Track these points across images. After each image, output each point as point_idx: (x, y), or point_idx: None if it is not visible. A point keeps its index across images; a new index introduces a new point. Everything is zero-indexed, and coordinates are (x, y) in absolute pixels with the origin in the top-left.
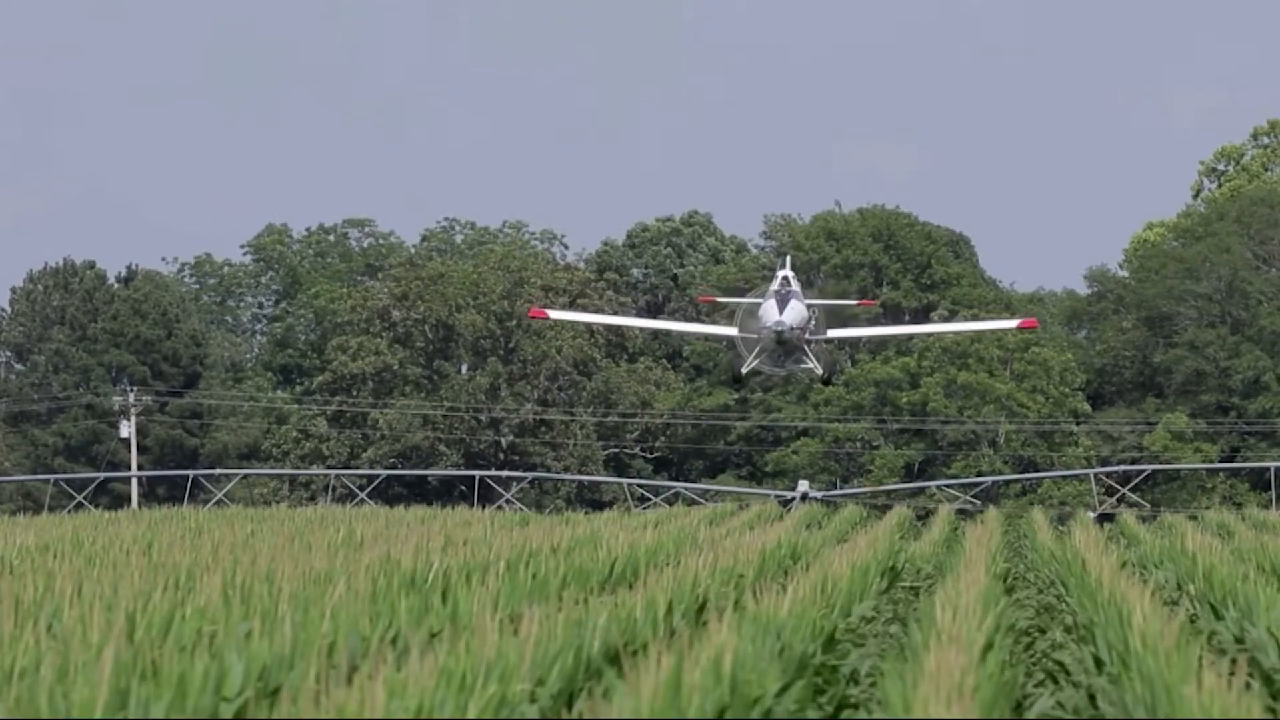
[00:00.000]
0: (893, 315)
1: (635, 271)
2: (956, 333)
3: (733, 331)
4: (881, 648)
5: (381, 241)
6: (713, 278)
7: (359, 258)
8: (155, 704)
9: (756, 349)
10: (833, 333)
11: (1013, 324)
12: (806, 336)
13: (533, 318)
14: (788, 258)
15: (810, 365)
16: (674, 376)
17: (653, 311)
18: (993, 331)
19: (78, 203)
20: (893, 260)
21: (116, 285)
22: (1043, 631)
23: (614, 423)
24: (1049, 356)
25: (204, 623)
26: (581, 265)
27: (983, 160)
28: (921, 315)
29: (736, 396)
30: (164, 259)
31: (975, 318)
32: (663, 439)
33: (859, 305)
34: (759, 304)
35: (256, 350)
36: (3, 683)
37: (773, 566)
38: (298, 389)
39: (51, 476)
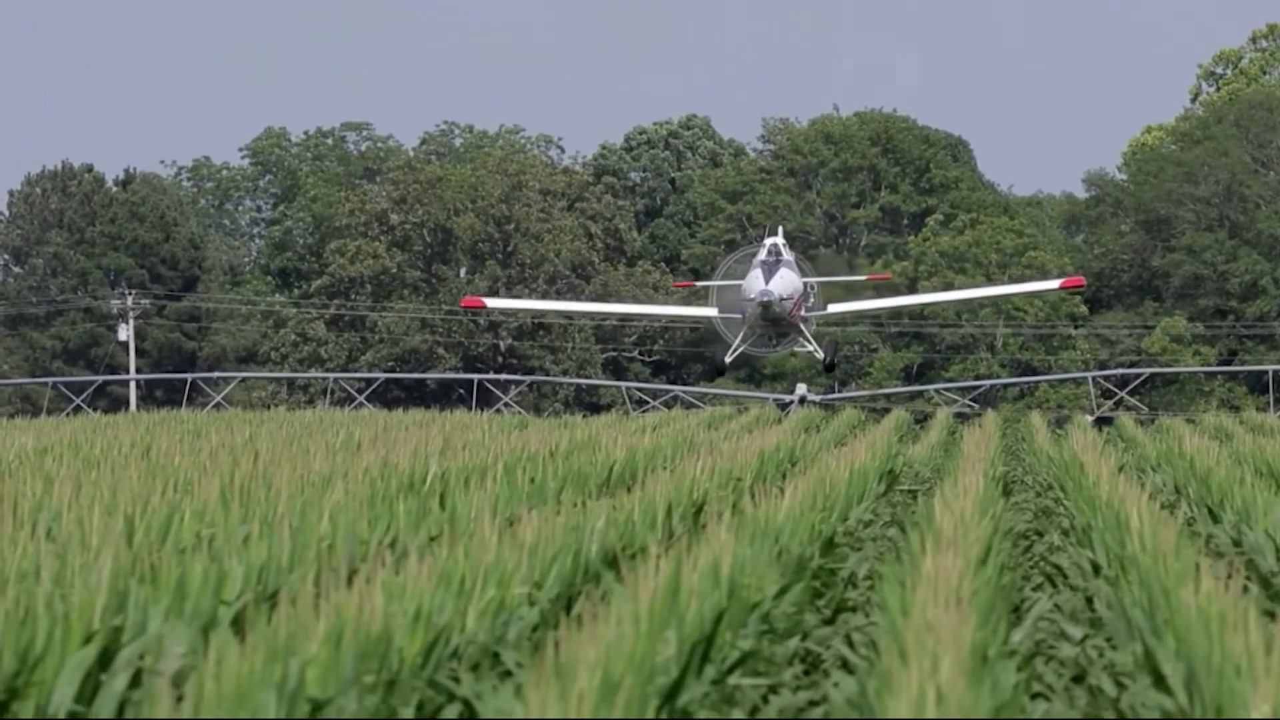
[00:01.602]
0: (891, 218)
1: (633, 175)
2: (993, 298)
3: (710, 312)
4: (879, 551)
5: (380, 145)
6: (711, 181)
7: (357, 161)
8: (154, 607)
9: (741, 329)
10: (835, 307)
11: (1054, 284)
12: (802, 314)
13: (466, 307)
14: (779, 228)
15: (809, 348)
16: (671, 279)
17: (650, 215)
18: (990, 239)
19: (75, 106)
20: (891, 164)
21: (114, 189)
22: (1040, 535)
23: (612, 326)
24: (1046, 260)
25: (202, 526)
26: (579, 169)
27: (981, 63)
28: (919, 219)
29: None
30: (162, 162)
31: (975, 223)
32: (661, 342)
33: (869, 280)
34: (738, 285)
35: (254, 254)
36: (1, 586)
37: (771, 470)
38: (296, 292)
39: (50, 379)
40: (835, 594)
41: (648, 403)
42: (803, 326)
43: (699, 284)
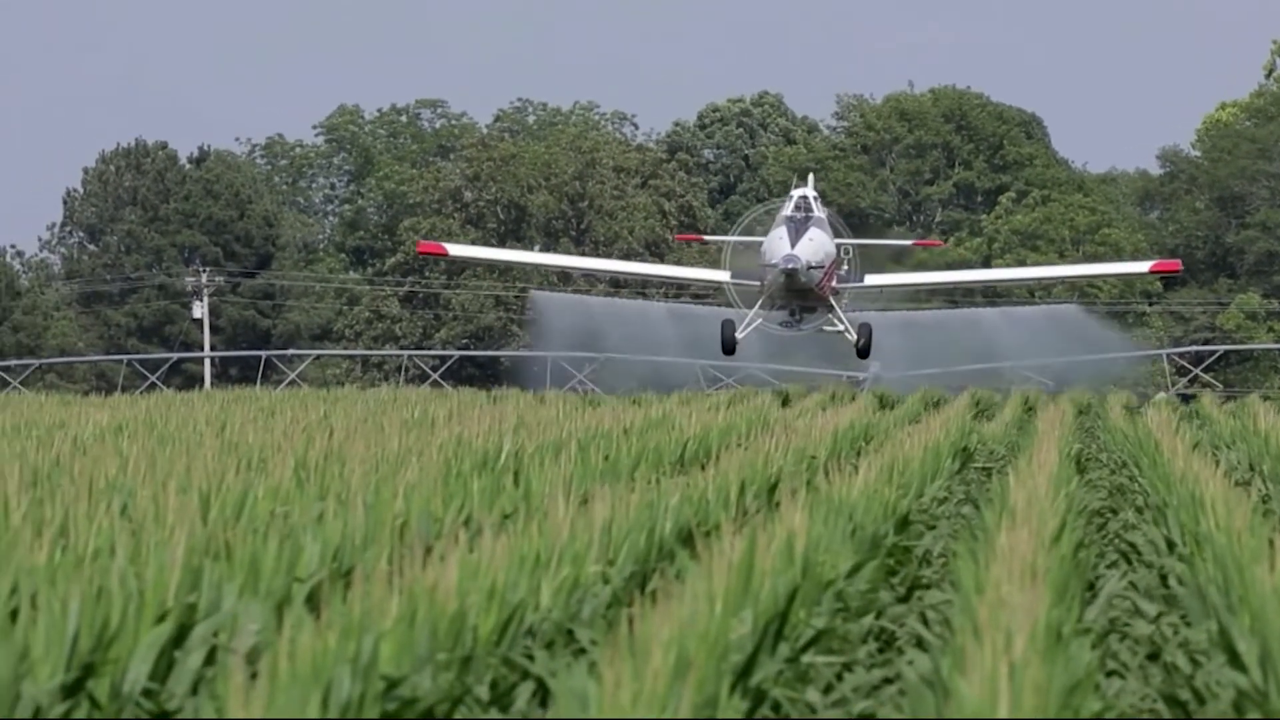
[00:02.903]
0: (965, 195)
1: (707, 152)
2: (1074, 278)
3: (723, 276)
4: (954, 529)
5: (454, 122)
6: (784, 158)
7: (431, 139)
8: (229, 584)
9: (759, 300)
10: (875, 279)
11: (1144, 267)
12: (834, 284)
13: (424, 253)
14: (810, 175)
15: (839, 328)
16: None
17: (724, 193)
18: (1063, 215)
19: (149, 83)
20: (965, 141)
21: (189, 166)
22: (1115, 512)
23: (685, 304)
24: (1120, 238)
25: (277, 504)
26: (653, 146)
27: (1056, 40)
28: (993, 196)
29: None
30: (236, 139)
31: (1047, 199)
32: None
33: (915, 246)
34: (757, 245)
35: (328, 231)
36: (76, 563)
37: (845, 447)
38: (369, 270)
39: (125, 357)
40: (910, 571)
41: (721, 380)
42: (834, 301)
43: (709, 239)
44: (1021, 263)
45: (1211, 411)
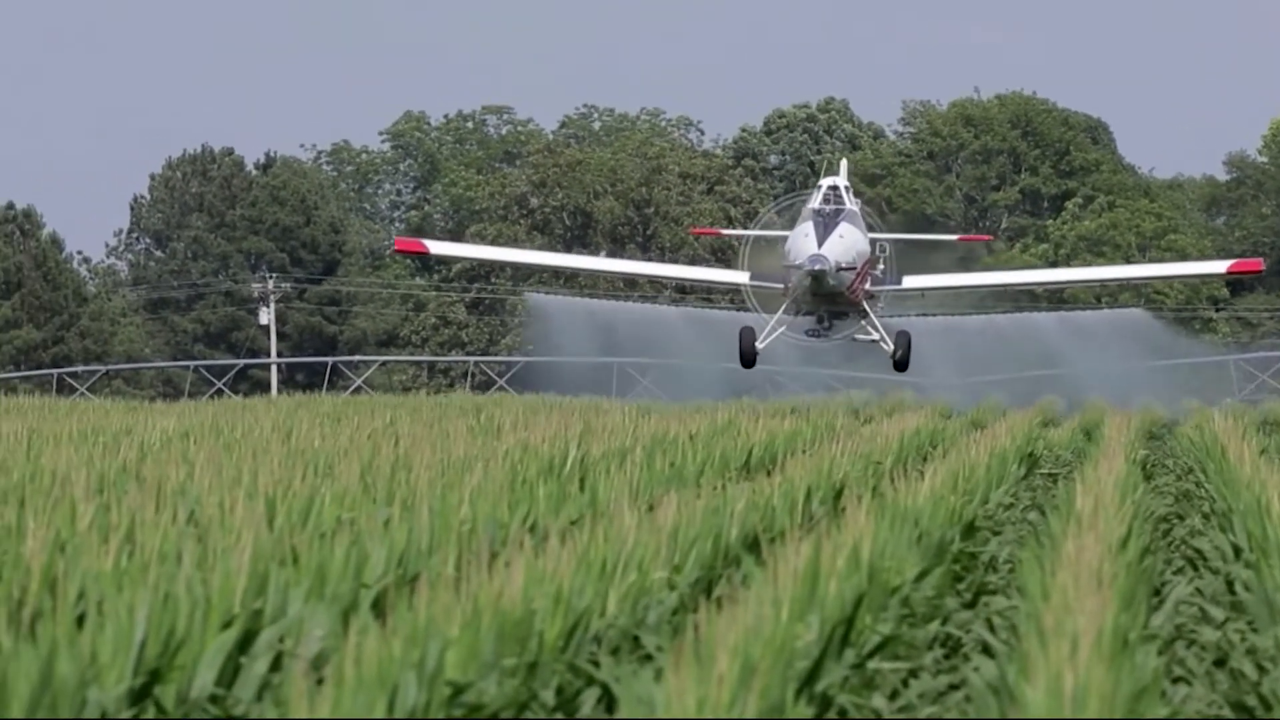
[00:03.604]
0: (1031, 201)
1: (772, 158)
2: (1145, 279)
3: (741, 278)
4: (1020, 535)
5: (520, 129)
6: (850, 164)
7: (497, 145)
8: (295, 590)
9: (783, 305)
10: (915, 281)
11: (1222, 266)
12: (867, 286)
13: (401, 251)
14: (843, 161)
15: (874, 336)
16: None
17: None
18: (1129, 221)
19: (215, 89)
20: (1031, 147)
21: (255, 172)
22: (1181, 518)
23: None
24: (1186, 244)
25: (343, 509)
26: (719, 152)
27: (1122, 45)
28: (1059, 202)
29: None
30: (302, 146)
31: (1113, 205)
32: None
33: (961, 241)
34: (780, 240)
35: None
36: (143, 569)
37: (910, 453)
38: (436, 276)
39: (191, 363)
40: (975, 578)
41: (786, 386)
42: (868, 306)
43: (727, 232)
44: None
45: (1279, 417)
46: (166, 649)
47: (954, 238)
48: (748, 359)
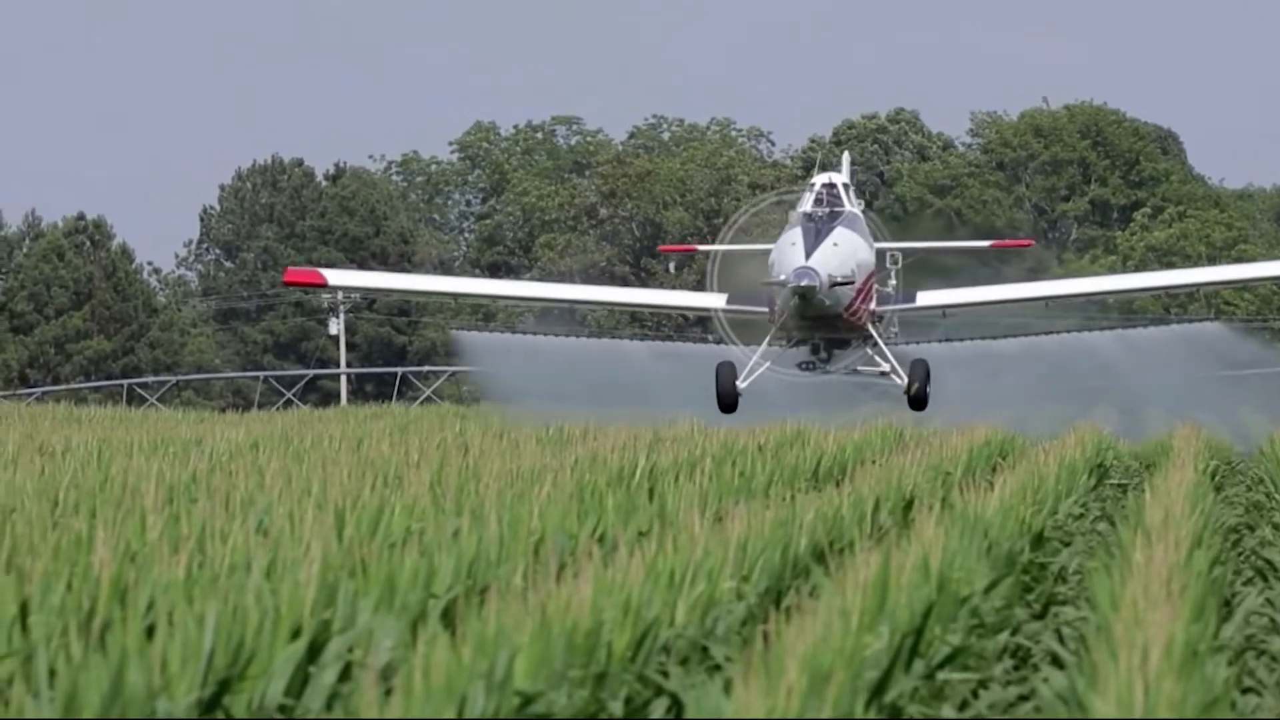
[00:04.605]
0: (1101, 211)
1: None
2: (1216, 283)
3: (713, 302)
4: (1089, 545)
5: (589, 139)
6: (919, 175)
7: (566, 155)
8: (363, 600)
9: (768, 335)
10: (930, 297)
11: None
12: (872, 306)
13: (292, 284)
14: (845, 154)
15: (883, 367)
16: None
17: None
18: (1199, 231)
19: (285, 100)
20: (1101, 157)
21: (324, 183)
22: (1251, 529)
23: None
24: (1257, 254)
25: (412, 520)
26: (788, 162)
27: (1192, 55)
28: (1128, 213)
29: None
30: (371, 156)
31: (1183, 215)
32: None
33: (994, 247)
34: (763, 255)
35: (464, 248)
36: (212, 580)
37: (980, 463)
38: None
39: (261, 373)
40: (1045, 588)
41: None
42: (873, 329)
43: (702, 248)
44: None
45: None
46: (236, 659)
47: (987, 243)
48: (727, 401)
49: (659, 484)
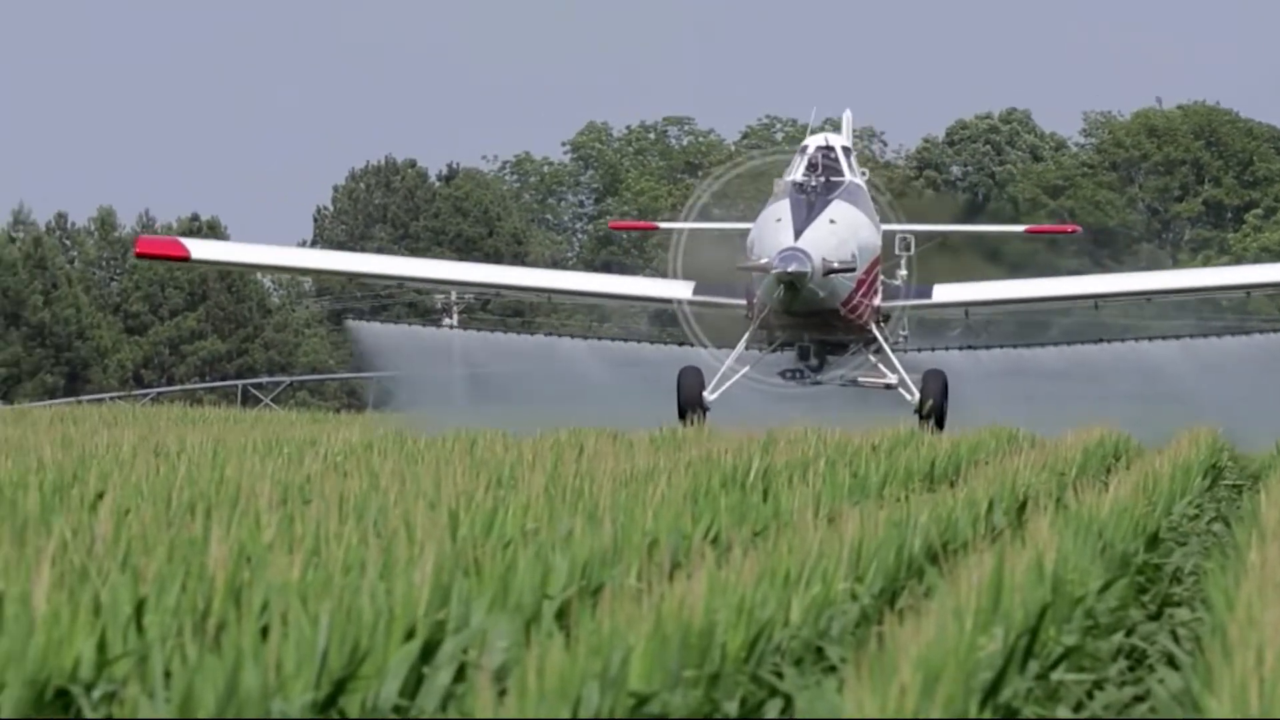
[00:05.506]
0: (1214, 212)
1: (954, 169)
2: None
3: (677, 291)
4: (1204, 546)
5: (701, 139)
6: (1032, 175)
7: (678, 155)
8: (477, 600)
9: (745, 334)
10: (948, 292)
11: None
12: (876, 301)
13: (145, 255)
14: (846, 113)
15: (888, 378)
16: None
17: (972, 210)
18: None
19: (398, 102)
20: (1214, 157)
21: (438, 184)
22: None
23: (936, 321)
24: None
25: (526, 521)
26: (901, 163)
27: None
28: (1242, 213)
29: None
30: (484, 157)
31: None
32: (983, 335)
33: (1029, 232)
34: (741, 235)
35: (577, 248)
36: (326, 581)
37: (1094, 464)
38: None
39: (375, 374)
40: (1160, 589)
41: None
42: (877, 330)
43: (664, 225)
44: None
45: None
46: (351, 660)
47: (1020, 228)
48: (689, 410)
49: (773, 485)
